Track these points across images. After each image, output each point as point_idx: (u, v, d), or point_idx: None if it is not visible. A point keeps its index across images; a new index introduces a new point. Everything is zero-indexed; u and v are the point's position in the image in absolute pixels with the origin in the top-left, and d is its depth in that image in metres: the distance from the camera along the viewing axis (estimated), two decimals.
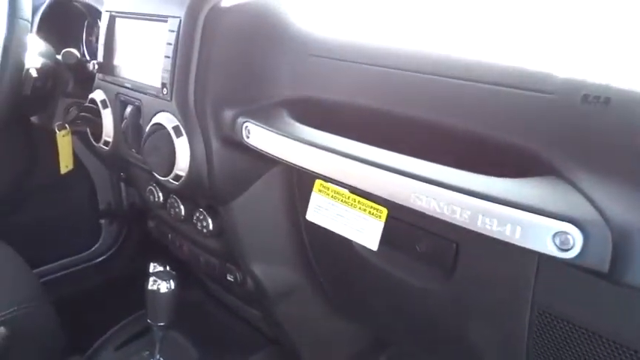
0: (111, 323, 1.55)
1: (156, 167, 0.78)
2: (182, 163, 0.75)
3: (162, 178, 0.78)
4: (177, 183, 0.77)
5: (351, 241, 0.73)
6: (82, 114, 0.93)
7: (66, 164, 1.10)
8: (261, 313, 1.02)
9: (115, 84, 0.88)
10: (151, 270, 1.10)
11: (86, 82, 1.07)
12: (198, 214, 0.88)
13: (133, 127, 0.85)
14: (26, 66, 0.97)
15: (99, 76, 0.92)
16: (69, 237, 1.60)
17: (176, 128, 0.75)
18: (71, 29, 1.27)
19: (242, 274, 0.90)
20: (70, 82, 1.07)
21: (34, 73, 0.98)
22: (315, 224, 0.73)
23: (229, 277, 0.91)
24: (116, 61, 0.89)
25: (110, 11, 0.89)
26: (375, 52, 0.63)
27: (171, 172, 0.76)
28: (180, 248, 1.02)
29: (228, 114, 0.73)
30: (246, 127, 0.69)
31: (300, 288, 0.92)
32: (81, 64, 1.01)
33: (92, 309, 1.54)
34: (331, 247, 0.80)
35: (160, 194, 0.96)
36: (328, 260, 0.85)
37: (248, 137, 0.69)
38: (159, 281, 0.89)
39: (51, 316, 1.03)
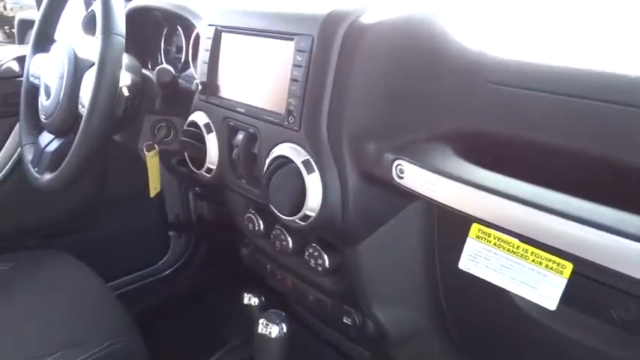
0: (181, 338, 1.49)
1: (281, 206, 0.67)
2: (313, 203, 0.64)
3: (287, 218, 0.68)
4: (304, 223, 0.67)
5: (506, 291, 0.61)
6: (183, 139, 0.83)
7: (155, 186, 1.01)
8: (370, 353, 0.92)
9: (222, 107, 0.78)
10: (245, 301, 1.01)
11: (173, 98, 0.98)
12: (311, 250, 0.78)
13: (245, 157, 0.74)
14: None
15: (200, 96, 0.82)
16: (139, 250, 1.53)
17: (306, 163, 0.64)
18: (148, 39, 1.18)
19: (361, 317, 0.79)
20: (158, 99, 0.98)
21: (126, 92, 0.89)
22: (454, 268, 0.62)
23: (346, 320, 0.80)
24: (222, 81, 0.79)
25: (216, 25, 0.78)
26: (569, 80, 0.50)
27: (299, 211, 0.65)
28: (282, 282, 0.92)
29: (370, 148, 0.61)
30: (399, 166, 0.58)
31: (424, 330, 0.81)
32: (173, 81, 0.91)
33: (162, 322, 1.48)
34: (474, 294, 0.69)
35: (262, 223, 0.86)
36: (465, 306, 0.73)
37: (401, 177, 0.58)
38: (270, 325, 0.79)
39: (142, 350, 0.94)
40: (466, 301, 0.72)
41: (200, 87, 0.80)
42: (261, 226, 0.86)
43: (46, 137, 1.00)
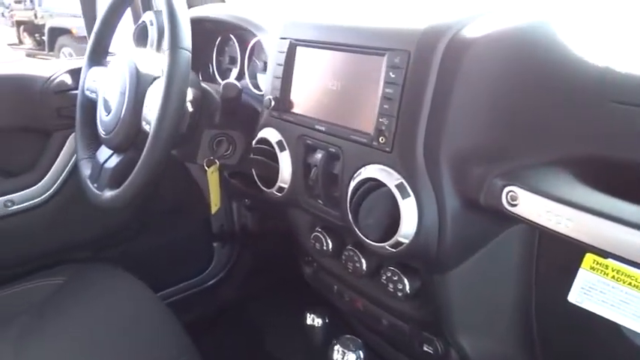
0: (225, 349, 1.45)
1: (371, 232, 0.62)
2: (407, 229, 0.59)
3: (376, 244, 0.63)
4: (394, 250, 0.62)
5: (619, 328, 0.56)
6: (253, 156, 0.79)
7: (215, 203, 0.97)
8: None
9: (297, 124, 0.73)
10: (308, 322, 0.96)
11: (232, 112, 0.94)
12: (389, 274, 0.73)
13: (325, 177, 0.70)
14: None
15: (272, 112, 0.78)
16: (184, 261, 1.51)
17: (400, 186, 0.59)
18: (199, 49, 1.14)
19: (444, 346, 0.74)
20: (218, 113, 0.94)
21: (190, 107, 0.85)
22: (554, 299, 0.57)
23: (427, 349, 0.75)
24: (298, 97, 0.74)
25: (290, 39, 0.74)
26: None
27: (390, 238, 0.61)
28: (352, 304, 0.87)
29: (473, 171, 0.56)
30: (510, 192, 0.53)
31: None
32: (238, 95, 0.87)
33: (206, 333, 1.45)
34: (576, 329, 0.63)
35: (330, 242, 0.82)
36: (563, 341, 0.67)
37: (513, 205, 0.53)
38: (347, 353, 0.74)
39: None
40: (565, 336, 0.66)
41: (273, 103, 0.76)
42: (330, 246, 0.82)
43: (104, 152, 0.97)
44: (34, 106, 1.14)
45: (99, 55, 1.05)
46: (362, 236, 0.64)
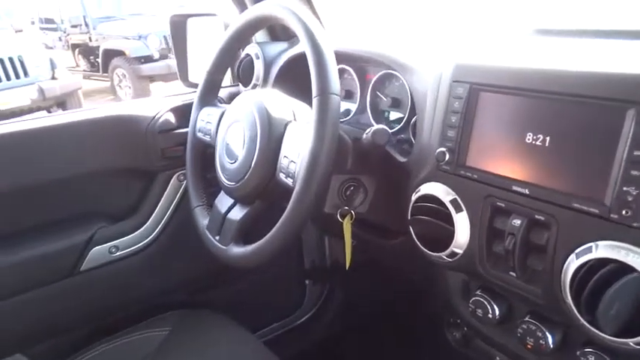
0: None
1: (610, 326, 0.49)
2: None
3: (616, 340, 0.50)
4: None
5: None
6: (419, 217, 0.67)
7: (349, 258, 0.86)
8: None
9: (483, 182, 0.61)
10: None
11: (364, 155, 0.82)
12: (592, 358, 0.59)
13: (524, 248, 0.57)
14: None
15: (444, 166, 0.66)
16: (277, 299, 1.41)
17: None
18: (303, 85, 1.04)
19: None
20: (350, 158, 0.83)
21: None
22: None
23: None
24: (481, 151, 0.62)
25: (471, 83, 0.62)
26: None
27: (637, 334, 0.48)
28: None
29: None
30: None
31: None
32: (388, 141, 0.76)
33: None
34: None
35: (497, 310, 0.69)
36: None
37: None
38: None
39: None
40: None
41: (448, 156, 0.64)
42: (497, 314, 0.69)
43: (224, 201, 0.86)
44: (139, 146, 1.05)
45: (210, 96, 0.96)
46: (594, 329, 0.51)
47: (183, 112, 1.08)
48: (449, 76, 0.65)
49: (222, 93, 1.12)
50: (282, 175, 0.75)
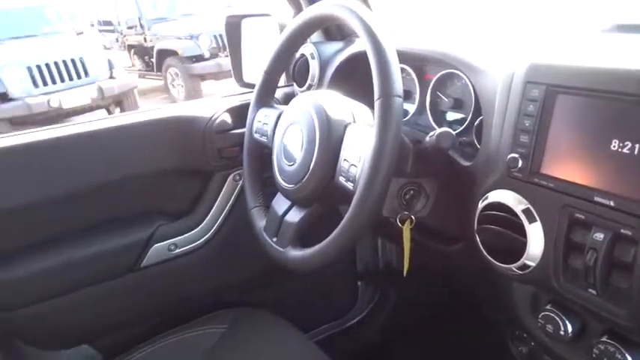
0: None
1: None
2: None
3: None
4: None
5: None
6: (487, 226, 0.64)
7: (408, 265, 0.83)
8: None
9: (560, 191, 0.57)
10: None
11: (425, 158, 0.79)
12: None
13: (607, 264, 0.53)
14: None
15: (516, 173, 0.62)
16: (327, 301, 1.39)
17: None
18: (359, 85, 1.01)
19: None
20: (410, 160, 0.80)
21: None
22: None
23: None
24: (558, 158, 0.58)
25: (548, 84, 0.58)
26: None
27: None
28: None
29: None
30: None
31: None
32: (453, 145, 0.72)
33: None
34: None
35: (570, 327, 0.64)
36: None
37: None
38: None
39: None
40: None
41: (521, 162, 0.60)
42: (570, 331, 0.64)
43: (281, 203, 0.85)
44: (197, 147, 1.07)
45: (267, 97, 0.95)
46: None
47: (239, 113, 1.08)
48: (522, 76, 0.61)
49: (277, 93, 1.11)
50: (341, 179, 0.73)
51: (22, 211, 0.94)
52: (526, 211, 0.60)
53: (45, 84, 5.28)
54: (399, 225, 0.80)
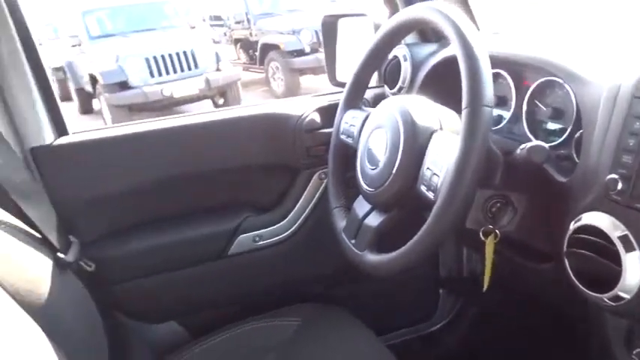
0: None
1: None
2: None
3: None
4: None
5: None
6: (576, 250, 0.59)
7: (488, 278, 0.80)
8: None
9: None
10: None
11: (516, 170, 0.75)
12: None
13: None
14: None
15: (616, 196, 0.57)
16: (408, 305, 1.37)
17: None
18: (451, 90, 0.98)
19: None
20: (499, 172, 0.76)
21: None
22: None
23: None
24: None
25: None
26: None
27: None
28: None
29: None
30: None
31: None
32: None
33: None
34: None
35: None
36: None
37: None
38: None
39: None
40: None
41: (621, 185, 0.55)
42: None
43: (362, 205, 0.86)
44: (287, 144, 1.10)
45: (356, 99, 0.96)
46: None
47: (328, 113, 1.10)
48: (629, 90, 0.56)
49: (368, 94, 1.12)
50: (423, 187, 0.71)
51: (131, 195, 1.04)
52: (623, 238, 0.54)
53: (160, 74, 5.76)
54: (482, 238, 0.77)
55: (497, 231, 0.76)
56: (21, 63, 0.94)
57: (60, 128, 1.01)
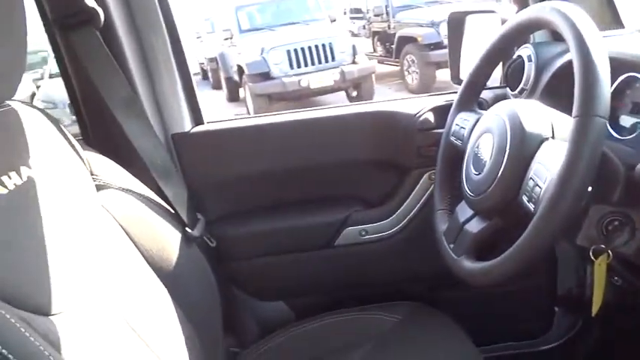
0: None
1: None
2: None
3: None
4: None
5: None
6: None
7: (598, 301, 0.74)
8: None
9: None
10: None
11: (637, 188, 0.67)
12: None
13: None
14: None
15: None
16: (517, 319, 1.29)
17: None
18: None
19: None
20: (618, 188, 0.69)
21: None
22: None
23: None
24: None
25: None
26: None
27: None
28: None
29: None
30: None
31: None
32: None
33: None
34: None
35: None
36: None
37: None
38: None
39: None
40: None
41: None
42: None
43: (464, 210, 0.84)
44: (398, 142, 1.12)
45: (469, 101, 0.93)
46: None
47: (443, 113, 1.08)
48: None
49: (487, 95, 1.08)
50: (524, 198, 0.69)
51: (252, 181, 1.14)
52: None
53: (298, 66, 6.08)
54: (592, 258, 0.71)
55: (609, 251, 0.69)
56: (169, 60, 1.08)
57: (197, 117, 1.15)
